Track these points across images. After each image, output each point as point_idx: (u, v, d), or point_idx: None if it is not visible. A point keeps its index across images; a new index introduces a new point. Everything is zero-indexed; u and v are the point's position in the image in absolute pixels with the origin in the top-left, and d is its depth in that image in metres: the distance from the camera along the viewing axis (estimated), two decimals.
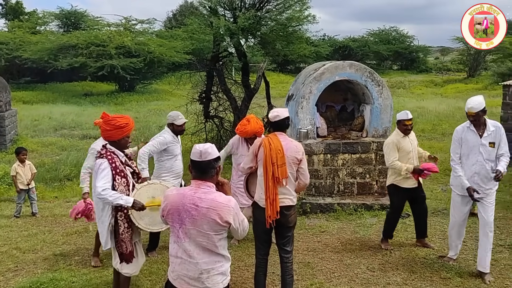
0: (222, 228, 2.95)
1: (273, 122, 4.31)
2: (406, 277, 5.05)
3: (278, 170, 4.14)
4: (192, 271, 2.95)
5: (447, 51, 45.90)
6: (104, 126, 4.19)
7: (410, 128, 5.62)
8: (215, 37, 10.46)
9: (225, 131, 11.35)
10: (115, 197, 3.97)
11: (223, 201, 2.94)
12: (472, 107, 4.77)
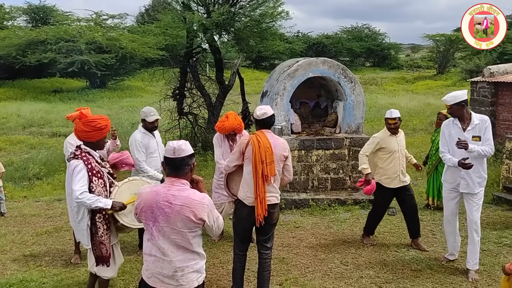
0: (197, 226, 2.93)
1: (260, 119, 4.26)
2: (379, 270, 5.14)
3: (267, 168, 4.13)
4: (166, 269, 2.92)
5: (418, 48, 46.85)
6: (82, 127, 4.03)
7: (394, 127, 5.55)
8: (189, 33, 10.38)
9: (199, 128, 11.28)
10: (93, 200, 3.86)
11: (197, 198, 2.92)
12: (445, 99, 4.88)
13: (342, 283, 4.85)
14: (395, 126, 5.54)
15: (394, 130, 5.57)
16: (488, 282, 4.86)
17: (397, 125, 5.56)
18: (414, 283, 4.84)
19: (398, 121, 5.55)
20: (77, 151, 4.01)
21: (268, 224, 4.28)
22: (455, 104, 4.80)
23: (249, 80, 27.44)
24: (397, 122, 5.54)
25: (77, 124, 4.11)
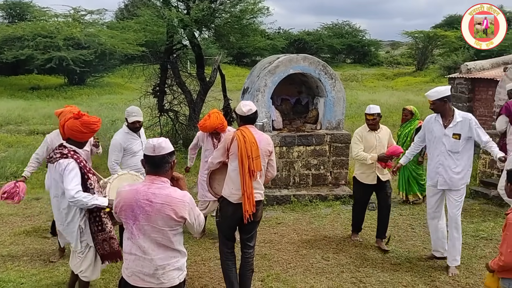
0: (177, 224, 2.91)
1: (246, 116, 4.23)
2: (359, 264, 5.20)
3: (254, 163, 4.11)
4: (147, 268, 2.90)
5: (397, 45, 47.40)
6: (79, 127, 3.90)
7: (372, 123, 5.46)
8: (168, 29, 10.28)
9: (180, 125, 11.20)
10: (90, 198, 3.75)
11: (178, 196, 2.90)
12: (428, 94, 4.90)
13: (323, 278, 4.90)
14: (373, 122, 5.47)
15: (373, 126, 5.50)
16: (465, 274, 4.96)
17: (375, 121, 5.48)
18: (393, 276, 4.91)
19: (376, 117, 5.46)
20: (64, 150, 3.88)
21: (252, 222, 4.27)
22: (438, 99, 4.81)
23: (230, 76, 27.36)
24: (375, 118, 5.46)
25: (72, 122, 3.92)
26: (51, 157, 3.92)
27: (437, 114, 4.95)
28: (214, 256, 5.39)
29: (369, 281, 4.81)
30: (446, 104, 4.83)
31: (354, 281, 4.83)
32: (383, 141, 5.54)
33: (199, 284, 4.79)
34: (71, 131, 3.92)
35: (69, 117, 3.98)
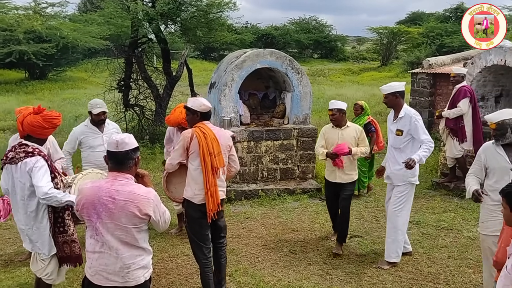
0: (142, 221, 2.87)
1: (203, 112, 4.15)
2: (326, 256, 5.28)
3: (216, 159, 4.04)
4: (111, 266, 2.85)
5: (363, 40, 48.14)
6: (41, 123, 3.73)
7: (332, 118, 5.32)
8: (133, 22, 10.07)
9: (147, 120, 11.02)
10: (63, 195, 3.62)
11: (142, 193, 2.85)
12: (382, 88, 4.97)
13: (291, 271, 4.94)
14: (333, 117, 5.30)
15: (334, 122, 5.34)
16: (428, 264, 5.11)
17: (334, 117, 5.28)
18: (359, 267, 5.01)
19: (336, 112, 5.26)
20: (28, 148, 3.70)
21: (218, 220, 4.24)
22: (390, 93, 4.86)
23: (198, 71, 27.12)
24: (334, 113, 5.27)
25: (33, 118, 3.75)
26: (13, 157, 3.70)
27: (390, 108, 5.01)
28: (182, 253, 5.35)
29: (335, 273, 4.90)
30: (397, 98, 4.85)
31: (321, 273, 4.90)
32: (347, 139, 5.28)
33: (166, 281, 4.75)
34: (32, 127, 3.76)
35: (28, 113, 3.82)
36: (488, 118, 3.86)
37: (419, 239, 5.77)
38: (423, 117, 10.69)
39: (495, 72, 7.86)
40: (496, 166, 3.86)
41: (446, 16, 33.89)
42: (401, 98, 4.89)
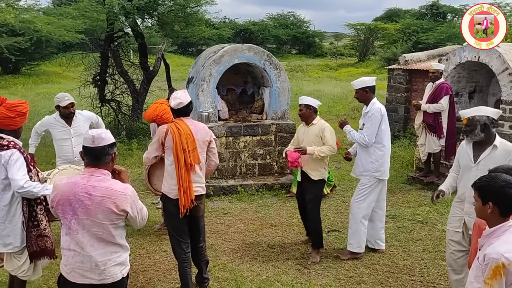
0: (119, 217, 2.83)
1: (176, 109, 4.10)
2: (304, 251, 5.32)
3: (190, 156, 4.01)
4: (87, 263, 2.81)
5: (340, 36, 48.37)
6: (6, 113, 3.62)
7: (299, 113, 5.17)
8: (109, 16, 9.90)
9: (123, 115, 10.88)
10: (40, 188, 3.56)
11: (119, 189, 2.82)
12: (353, 83, 5.05)
13: (269, 266, 4.97)
14: (300, 113, 5.12)
15: (301, 118, 5.18)
16: (403, 257, 5.21)
17: (302, 112, 5.08)
18: (336, 261, 5.07)
19: (303, 108, 5.06)
20: (3, 141, 3.61)
21: (195, 217, 4.22)
22: (360, 88, 4.95)
23: (175, 66, 26.88)
24: (301, 109, 5.07)
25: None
26: None
27: (362, 103, 5.10)
28: (160, 249, 5.32)
29: (313, 267, 4.94)
30: (367, 94, 4.93)
31: (299, 267, 4.94)
32: (310, 137, 5.04)
33: (143, 277, 4.71)
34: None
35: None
36: (461, 113, 3.94)
37: (395, 232, 5.87)
38: (399, 112, 10.90)
39: (469, 68, 8.03)
40: (462, 163, 3.94)
41: (422, 13, 34.39)
42: (372, 93, 4.96)
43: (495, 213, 2.47)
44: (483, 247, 2.49)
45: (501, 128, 7.16)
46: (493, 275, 2.32)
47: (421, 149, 7.68)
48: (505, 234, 2.44)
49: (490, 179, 2.52)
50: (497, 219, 2.48)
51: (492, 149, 3.69)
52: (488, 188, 2.49)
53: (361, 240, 5.11)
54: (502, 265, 2.30)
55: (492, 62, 7.21)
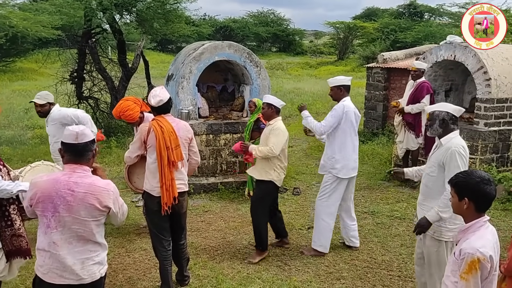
0: (101, 214, 2.81)
1: (157, 107, 4.07)
2: (284, 248, 5.35)
3: (173, 153, 3.99)
4: (65, 263, 2.76)
5: (320, 34, 48.68)
6: None
7: (261, 112, 5.16)
8: (86, 12, 9.74)
9: (102, 113, 10.72)
10: (13, 185, 3.48)
11: (102, 185, 2.81)
12: (328, 81, 5.11)
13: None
14: (262, 111, 5.06)
15: (262, 116, 5.20)
16: (382, 252, 5.29)
17: (264, 111, 4.99)
18: (316, 257, 5.12)
19: (265, 106, 4.94)
20: None
21: (178, 214, 4.21)
22: (335, 86, 5.00)
23: (155, 63, 26.64)
24: (263, 107, 4.98)
25: None
26: None
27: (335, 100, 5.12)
28: (139, 247, 5.28)
29: (293, 264, 4.97)
30: (341, 92, 4.99)
31: (280, 264, 4.97)
32: (263, 136, 4.96)
33: (123, 276, 4.66)
34: None
35: None
36: (427, 108, 4.00)
37: (373, 228, 5.96)
38: (378, 110, 11.04)
39: (445, 67, 8.18)
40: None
41: (399, 12, 34.90)
42: (346, 91, 5.01)
43: (471, 209, 2.52)
44: (459, 242, 2.54)
45: (476, 125, 7.33)
46: (468, 270, 2.37)
47: (399, 146, 7.79)
48: (481, 230, 2.50)
49: (466, 176, 2.57)
50: (473, 215, 2.53)
51: (439, 146, 3.71)
52: (464, 184, 2.54)
53: (324, 239, 5.13)
54: (477, 260, 2.36)
55: (468, 61, 7.36)
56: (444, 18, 33.83)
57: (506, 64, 7.37)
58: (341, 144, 4.97)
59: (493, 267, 2.42)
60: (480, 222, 2.52)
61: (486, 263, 2.37)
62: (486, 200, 2.52)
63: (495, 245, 2.49)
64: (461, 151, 3.53)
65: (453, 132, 3.62)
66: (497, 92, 7.17)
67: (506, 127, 7.37)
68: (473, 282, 2.37)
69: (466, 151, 3.58)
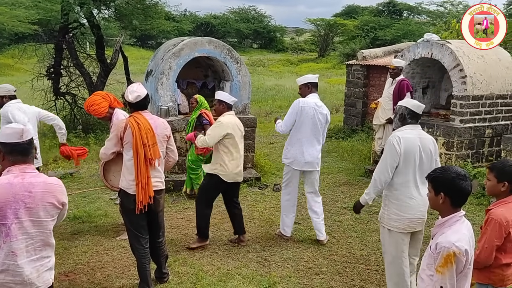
0: (57, 211, 2.74)
1: (135, 103, 4.02)
2: (264, 244, 5.37)
3: (150, 151, 3.94)
4: (22, 274, 2.61)
5: (301, 32, 48.83)
6: None
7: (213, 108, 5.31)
8: (63, 6, 9.57)
9: (79, 109, 10.57)
10: None
11: (55, 182, 2.73)
12: (297, 80, 5.41)
13: (230, 259, 4.98)
14: (214, 107, 5.20)
15: (214, 112, 5.31)
16: (360, 247, 5.36)
17: (215, 107, 5.13)
18: (296, 253, 5.15)
19: (216, 103, 5.10)
20: None
21: (155, 213, 4.17)
22: (303, 84, 5.27)
23: (134, 59, 26.33)
24: (215, 103, 5.13)
25: None
26: None
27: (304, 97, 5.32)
28: (118, 245, 5.22)
29: (273, 259, 5.00)
30: (308, 89, 5.24)
31: (260, 260, 4.99)
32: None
33: (101, 274, 4.61)
34: None
35: None
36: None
37: (352, 224, 6.02)
38: (357, 107, 11.15)
39: (422, 64, 8.30)
40: None
41: (379, 10, 35.29)
42: (313, 88, 5.26)
43: (447, 204, 2.56)
44: (435, 236, 2.58)
45: (452, 122, 7.47)
46: (444, 263, 2.42)
47: (377, 142, 7.89)
48: (457, 224, 2.54)
49: (443, 171, 2.61)
50: (449, 209, 2.57)
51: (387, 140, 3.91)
52: (440, 180, 2.58)
53: (284, 225, 5.52)
54: (453, 254, 2.40)
55: (444, 58, 7.48)
56: (423, 16, 34.39)
57: (482, 61, 7.52)
58: (294, 137, 5.23)
59: (468, 261, 2.46)
60: (456, 217, 2.56)
61: (461, 257, 2.41)
62: (462, 195, 2.56)
63: (471, 239, 2.53)
64: (393, 142, 3.70)
65: (408, 125, 3.76)
66: (473, 89, 7.32)
67: (481, 123, 7.54)
68: (448, 276, 2.41)
69: (401, 144, 3.67)
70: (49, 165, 8.20)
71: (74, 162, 5.73)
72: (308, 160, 5.23)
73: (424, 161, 3.72)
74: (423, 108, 3.90)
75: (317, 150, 5.28)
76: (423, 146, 3.72)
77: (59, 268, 4.66)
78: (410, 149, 3.68)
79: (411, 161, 3.69)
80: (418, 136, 3.73)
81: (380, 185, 3.83)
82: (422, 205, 3.74)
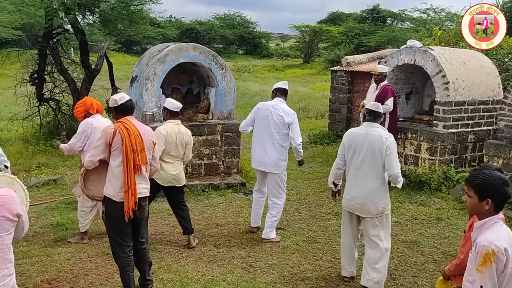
0: (13, 224, 2.58)
1: (120, 104, 3.99)
2: (249, 249, 5.37)
3: (139, 157, 3.91)
4: None
5: (286, 38, 49.11)
6: None
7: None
8: (47, 12, 9.47)
9: (63, 115, 10.45)
10: None
11: (6, 194, 2.57)
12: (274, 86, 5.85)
13: (215, 265, 4.97)
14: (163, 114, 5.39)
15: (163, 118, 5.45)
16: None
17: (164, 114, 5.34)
18: (281, 259, 5.16)
19: (163, 110, 5.34)
20: None
21: (139, 219, 4.13)
22: (272, 90, 5.78)
23: (119, 64, 26.13)
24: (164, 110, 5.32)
25: None
26: None
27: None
28: (102, 252, 5.17)
29: (258, 265, 4.99)
30: (274, 94, 5.67)
31: (245, 266, 4.98)
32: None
33: (85, 282, 4.55)
34: None
35: None
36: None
37: (337, 229, 6.04)
38: (342, 112, 11.24)
39: (405, 70, 8.43)
40: None
41: (363, 17, 35.70)
42: (279, 93, 5.63)
43: (491, 209, 2.57)
44: (477, 239, 2.56)
45: (435, 127, 7.58)
46: (483, 262, 2.40)
47: None
48: (496, 226, 2.54)
49: (488, 177, 2.57)
50: (490, 213, 2.58)
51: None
52: (487, 186, 2.56)
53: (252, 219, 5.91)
54: (492, 252, 2.39)
55: (427, 65, 7.61)
56: (406, 23, 34.88)
57: (464, 68, 7.66)
58: (253, 137, 5.67)
59: (509, 260, 2.42)
60: (494, 219, 2.56)
61: (501, 255, 2.38)
62: (506, 200, 2.58)
63: (510, 241, 2.49)
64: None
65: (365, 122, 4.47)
66: (455, 95, 7.45)
67: (463, 129, 7.67)
68: (488, 275, 2.39)
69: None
70: (32, 171, 8.09)
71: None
72: (260, 160, 5.54)
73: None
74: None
75: (272, 151, 5.47)
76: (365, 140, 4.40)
77: (41, 276, 4.60)
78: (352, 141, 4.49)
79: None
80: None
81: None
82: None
